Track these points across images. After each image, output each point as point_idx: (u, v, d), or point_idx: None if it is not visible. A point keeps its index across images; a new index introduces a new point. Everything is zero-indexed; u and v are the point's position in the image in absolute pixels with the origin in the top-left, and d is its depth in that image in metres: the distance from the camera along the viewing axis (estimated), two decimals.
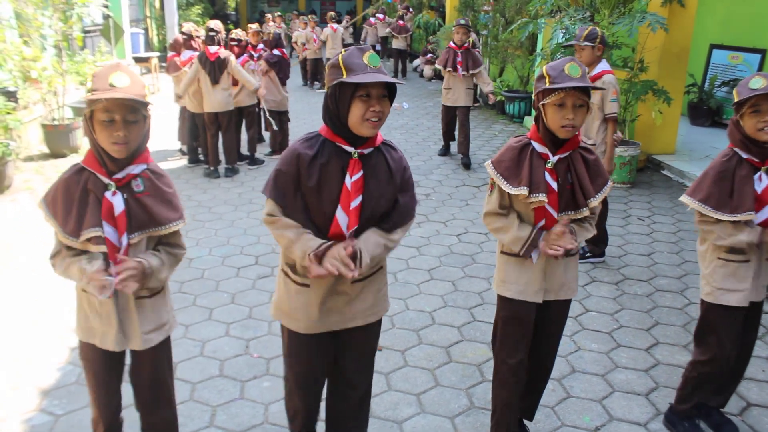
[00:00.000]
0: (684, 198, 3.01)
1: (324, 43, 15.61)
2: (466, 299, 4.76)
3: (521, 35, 8.22)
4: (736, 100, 2.84)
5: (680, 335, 4.29)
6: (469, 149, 8.70)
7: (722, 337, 3.05)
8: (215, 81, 7.58)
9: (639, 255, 5.61)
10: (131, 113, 2.26)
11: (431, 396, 3.60)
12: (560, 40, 7.40)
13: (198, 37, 8.18)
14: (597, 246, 5.37)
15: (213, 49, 7.56)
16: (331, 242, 2.36)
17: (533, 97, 2.75)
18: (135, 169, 2.36)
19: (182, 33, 8.50)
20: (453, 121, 8.84)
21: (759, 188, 2.85)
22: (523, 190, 2.65)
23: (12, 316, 4.40)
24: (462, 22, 8.51)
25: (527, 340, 2.88)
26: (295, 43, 16.37)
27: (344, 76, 2.26)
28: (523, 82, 11.61)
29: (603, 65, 5.17)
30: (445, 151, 9.21)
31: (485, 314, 4.53)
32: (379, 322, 2.73)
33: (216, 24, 7.68)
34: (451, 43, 8.46)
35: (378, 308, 2.66)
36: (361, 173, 2.40)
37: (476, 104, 12.95)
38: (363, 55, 2.30)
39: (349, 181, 2.39)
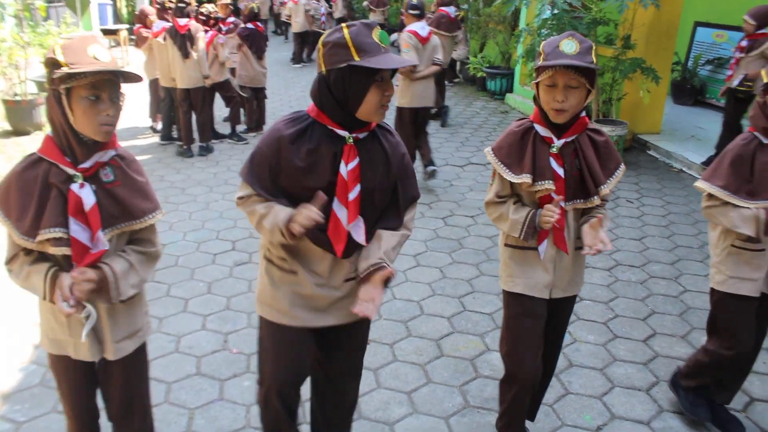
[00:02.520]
0: (700, 183, 2.83)
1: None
2: (455, 287, 4.56)
3: (506, 10, 7.95)
4: (765, 81, 2.64)
5: (677, 325, 4.13)
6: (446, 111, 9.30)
7: (737, 328, 2.92)
8: (186, 56, 7.25)
9: (630, 239, 5.45)
10: (116, 90, 1.99)
11: (423, 394, 3.40)
12: (548, 16, 7.16)
13: (170, 8, 7.81)
14: None
15: (182, 21, 7.21)
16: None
17: (529, 81, 2.50)
18: (103, 156, 2.05)
19: (156, 3, 8.09)
20: (441, 79, 9.11)
21: None
22: (526, 178, 2.42)
23: None
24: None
25: (539, 342, 2.66)
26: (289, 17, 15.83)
27: (356, 59, 2.00)
28: (505, 58, 11.34)
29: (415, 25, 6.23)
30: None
31: (476, 303, 4.33)
32: (368, 321, 2.50)
33: None
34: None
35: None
36: (357, 160, 2.15)
37: (456, 80, 12.71)
38: (372, 32, 2.03)
39: (344, 169, 2.13)
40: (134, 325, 2.26)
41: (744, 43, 6.73)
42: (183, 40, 7.20)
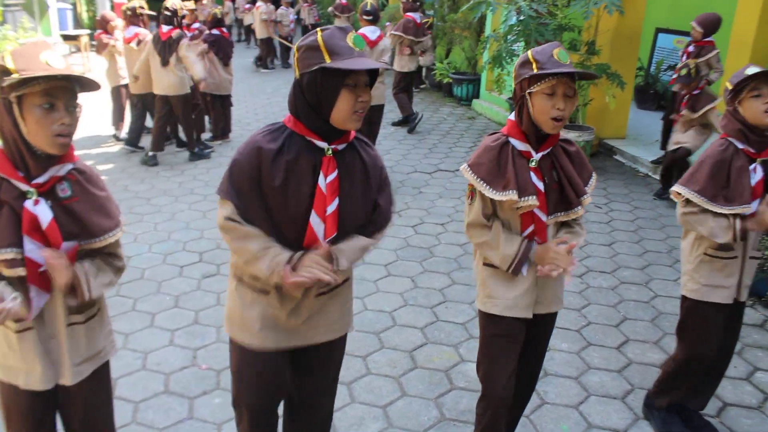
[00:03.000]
0: (678, 188, 2.81)
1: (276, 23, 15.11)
2: (427, 297, 4.51)
3: (472, 16, 7.96)
4: (730, 88, 2.67)
5: (649, 331, 4.14)
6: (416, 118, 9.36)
7: (706, 335, 2.94)
8: (165, 62, 7.16)
9: (600, 245, 5.47)
10: (72, 99, 1.88)
11: (398, 408, 3.34)
12: (514, 22, 7.18)
13: (142, 14, 7.70)
14: None
15: (166, 28, 7.15)
16: (303, 252, 2.06)
17: (513, 87, 2.47)
18: (60, 170, 1.94)
19: (128, 9, 7.91)
20: (410, 86, 9.38)
21: (753, 181, 2.70)
22: (513, 195, 2.34)
23: None
24: None
25: (515, 361, 2.60)
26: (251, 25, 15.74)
27: (327, 61, 1.95)
28: (471, 64, 11.38)
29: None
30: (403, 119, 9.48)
31: (448, 313, 4.28)
32: (343, 339, 2.44)
33: (173, 3, 7.23)
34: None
35: (343, 323, 2.38)
36: (336, 173, 2.09)
37: (422, 86, 12.72)
38: (346, 36, 1.99)
39: (323, 182, 2.07)
40: (95, 347, 2.15)
41: (691, 49, 6.91)
42: (163, 47, 7.12)
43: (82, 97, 1.95)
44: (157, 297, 4.43)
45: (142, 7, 7.84)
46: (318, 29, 2.03)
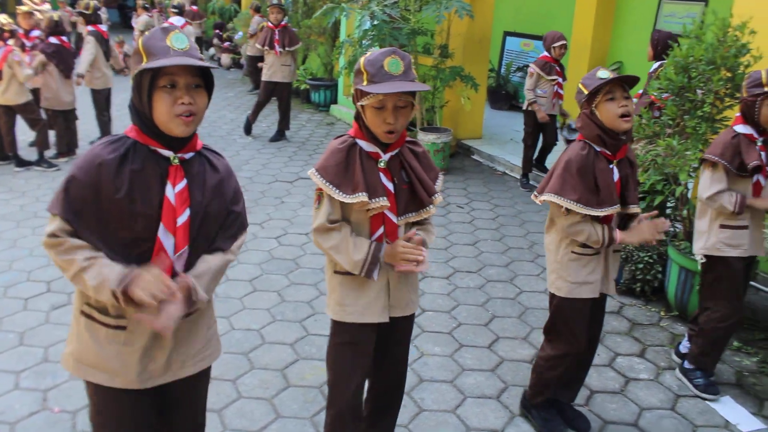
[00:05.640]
0: (551, 197, 2.81)
1: None
2: (295, 311, 4.34)
3: (327, 21, 7.87)
4: (585, 92, 2.72)
5: (518, 327, 4.21)
6: (288, 125, 9.09)
7: (575, 331, 2.99)
8: None
9: (465, 245, 5.53)
10: None
11: (273, 431, 3.15)
12: (368, 27, 7.16)
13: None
14: None
15: None
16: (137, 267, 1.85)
17: (352, 92, 2.38)
18: None
19: None
20: (270, 95, 8.97)
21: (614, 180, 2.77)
22: (363, 197, 2.29)
23: None
24: (275, 1, 8.77)
25: (366, 367, 2.53)
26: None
27: (144, 62, 1.83)
28: (328, 69, 11.31)
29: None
30: (248, 128, 9.32)
31: (318, 326, 4.13)
32: (209, 369, 2.25)
33: None
34: (269, 23, 8.80)
35: (211, 349, 2.20)
36: (185, 182, 1.93)
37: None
38: (167, 35, 1.85)
39: (171, 192, 1.91)
40: None
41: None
42: None
43: None
44: None
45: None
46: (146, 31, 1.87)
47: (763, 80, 3.14)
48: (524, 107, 6.95)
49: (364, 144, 2.36)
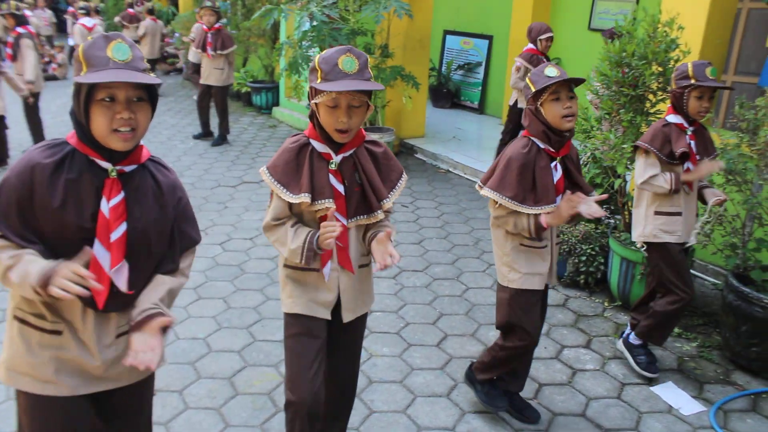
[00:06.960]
0: (488, 193, 2.87)
1: None
2: (241, 317, 4.26)
3: (265, 23, 7.78)
4: (533, 89, 2.74)
5: (465, 324, 4.23)
6: (228, 129, 9.07)
7: (529, 321, 3.02)
8: None
9: (411, 244, 5.53)
10: None
11: None
12: (307, 28, 7.11)
13: None
14: None
15: None
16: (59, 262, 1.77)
17: (307, 91, 2.35)
18: None
19: None
20: (207, 99, 8.94)
21: (555, 179, 2.83)
22: (305, 198, 2.28)
23: None
24: (208, 4, 8.61)
25: (321, 360, 2.49)
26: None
27: (83, 73, 1.77)
28: (269, 71, 11.19)
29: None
30: (203, 133, 9.25)
31: (265, 332, 4.07)
32: (151, 377, 2.18)
33: None
34: (204, 26, 8.60)
35: None
36: (121, 196, 1.87)
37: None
38: (108, 45, 1.77)
39: (106, 206, 1.84)
40: None
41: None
42: None
43: None
44: None
45: None
46: (89, 36, 1.80)
47: (689, 73, 3.29)
48: (510, 103, 6.95)
49: (316, 144, 2.34)
